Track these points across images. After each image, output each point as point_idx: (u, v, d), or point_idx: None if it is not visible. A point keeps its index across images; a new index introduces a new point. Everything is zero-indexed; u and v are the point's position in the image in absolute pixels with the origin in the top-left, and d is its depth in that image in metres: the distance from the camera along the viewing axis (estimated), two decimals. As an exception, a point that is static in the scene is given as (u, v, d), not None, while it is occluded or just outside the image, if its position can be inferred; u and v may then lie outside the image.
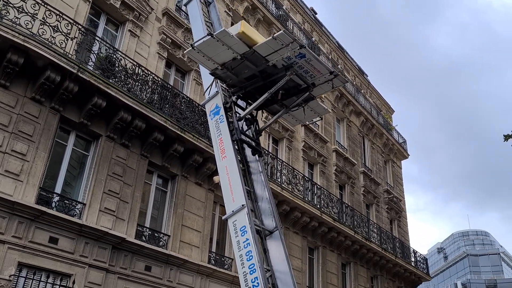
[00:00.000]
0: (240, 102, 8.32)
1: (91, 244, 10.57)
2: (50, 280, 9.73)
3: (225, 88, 8.23)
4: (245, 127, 8.02)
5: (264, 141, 17.48)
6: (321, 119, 10.75)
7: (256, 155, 7.81)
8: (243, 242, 6.33)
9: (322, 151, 21.31)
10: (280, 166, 17.03)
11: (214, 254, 14.14)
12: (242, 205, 6.60)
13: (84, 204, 10.87)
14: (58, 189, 10.72)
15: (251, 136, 8.06)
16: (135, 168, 12.21)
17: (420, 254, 28.02)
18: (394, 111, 33.82)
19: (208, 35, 6.72)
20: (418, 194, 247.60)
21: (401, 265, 24.30)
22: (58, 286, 9.81)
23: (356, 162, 24.36)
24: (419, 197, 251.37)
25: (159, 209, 13.18)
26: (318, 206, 18.41)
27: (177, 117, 12.98)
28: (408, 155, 31.07)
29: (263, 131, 10.15)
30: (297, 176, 17.88)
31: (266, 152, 16.31)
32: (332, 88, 7.39)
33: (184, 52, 7.82)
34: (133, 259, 11.43)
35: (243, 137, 7.69)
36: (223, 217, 7.03)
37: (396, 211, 27.62)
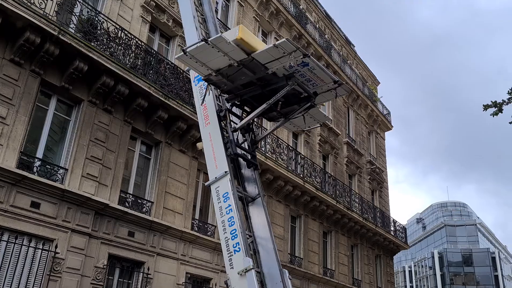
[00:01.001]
0: (234, 108, 7.70)
1: (74, 209, 10.55)
2: (32, 244, 9.73)
3: (219, 95, 7.61)
4: (240, 138, 7.43)
5: (249, 110, 17.39)
6: (321, 125, 10.50)
7: (252, 168, 7.26)
8: (226, 208, 6.37)
9: (306, 121, 21.36)
10: (264, 135, 17.03)
11: (197, 221, 14.27)
12: (225, 172, 6.62)
13: (66, 170, 10.78)
14: (39, 154, 10.59)
15: (247, 148, 7.47)
16: (118, 134, 12.10)
17: (400, 224, 28.72)
18: (379, 83, 33.90)
19: (202, 40, 6.11)
20: (398, 166, 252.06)
21: (380, 234, 24.91)
22: (40, 250, 9.82)
23: (340, 133, 24.51)
24: (399, 169, 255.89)
25: (143, 176, 13.16)
26: (302, 176, 18.59)
27: (161, 83, 12.80)
28: (392, 126, 31.37)
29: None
30: (281, 146, 17.95)
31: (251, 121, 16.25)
32: (335, 97, 6.94)
33: (175, 56, 6.93)
34: (116, 224, 11.47)
35: (238, 150, 7.16)
36: (206, 183, 7.05)
37: (378, 181, 28.07)
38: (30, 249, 9.68)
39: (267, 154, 16.53)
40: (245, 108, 7.56)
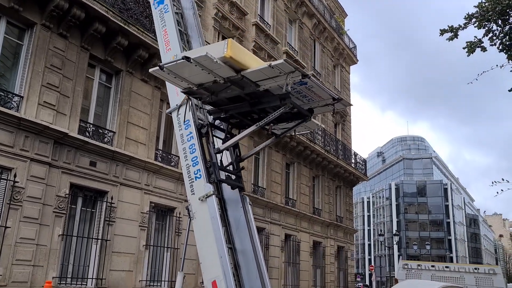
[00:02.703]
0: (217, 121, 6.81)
1: (32, 138, 10.26)
2: (-11, 173, 9.52)
3: (200, 107, 6.69)
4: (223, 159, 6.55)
5: (214, 39, 16.92)
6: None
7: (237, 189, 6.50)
8: (187, 136, 6.34)
9: (272, 53, 21.03)
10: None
11: (161, 151, 14.23)
12: (186, 99, 6.51)
13: (22, 97, 10.35)
14: (-9, 80, 10.07)
15: (232, 168, 6.68)
16: (75, 61, 11.58)
17: (360, 157, 29.68)
18: (347, 15, 33.42)
19: (183, 58, 5.15)
20: (357, 101, 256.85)
21: (341, 166, 25.74)
22: (-2, 179, 9.63)
23: (305, 65, 24.37)
24: (357, 105, 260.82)
25: (103, 105, 12.82)
26: (266, 108, 18.60)
27: (120, 7, 12.15)
28: (357, 60, 31.43)
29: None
30: (246, 77, 17.73)
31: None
32: (333, 113, 6.28)
33: (150, 70, 5.93)
34: (77, 154, 11.30)
35: (223, 175, 6.30)
36: (167, 111, 6.95)
37: (341, 115, 28.51)
38: (-13, 178, 9.48)
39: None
40: (230, 121, 6.57)
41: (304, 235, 21.90)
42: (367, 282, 70.89)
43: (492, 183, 9.82)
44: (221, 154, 6.28)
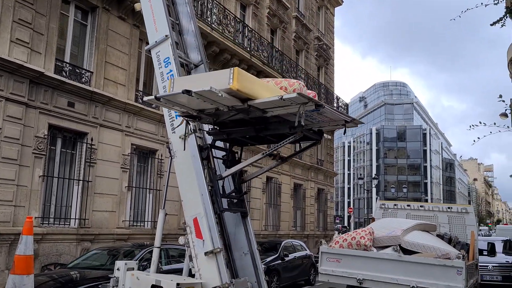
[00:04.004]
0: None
1: (6, 77, 9.92)
2: (-37, 113, 9.25)
3: (199, 128, 6.06)
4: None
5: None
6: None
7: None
8: (167, 74, 6.16)
9: (255, -8, 20.37)
10: (210, 4, 16.19)
11: (141, 93, 13.98)
12: (166, 36, 6.27)
13: (-8, 34, 9.89)
14: (-42, 15, 9.54)
15: (234, 187, 6.16)
16: (48, -4, 11.02)
17: (343, 100, 29.73)
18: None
19: (183, 92, 4.59)
20: (338, 47, 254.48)
21: (323, 110, 25.75)
22: (-27, 119, 9.39)
23: (289, 6, 23.75)
24: (338, 50, 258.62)
25: (80, 44, 12.37)
26: (248, 49, 18.26)
27: None
28: (342, 1, 30.69)
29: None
30: (228, 17, 17.24)
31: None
32: (344, 133, 5.80)
33: (144, 99, 5.42)
34: (54, 94, 11.01)
35: (225, 203, 5.78)
36: (146, 47, 6.72)
37: (325, 58, 28.22)
38: (-39, 117, 9.22)
39: (213, 25, 15.89)
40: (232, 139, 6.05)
41: (285, 178, 22.27)
42: (346, 224, 73.49)
43: (470, 126, 9.98)
44: (223, 180, 5.86)
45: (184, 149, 5.65)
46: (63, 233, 11.05)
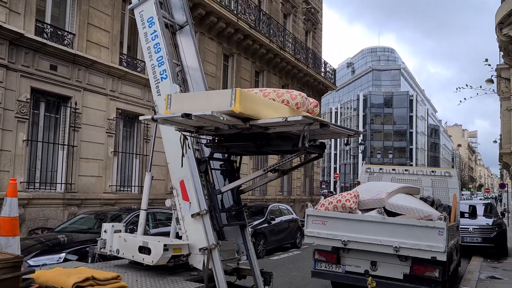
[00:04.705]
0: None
1: (-16, 38, 9.62)
2: None
3: (197, 142, 5.83)
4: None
5: None
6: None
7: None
8: (151, 34, 6.00)
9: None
10: (196, -36, 15.70)
11: (125, 56, 13.70)
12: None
13: (-32, -7, 9.51)
14: None
15: (233, 200, 6.08)
16: (25, -46, 10.56)
17: (330, 65, 29.55)
18: None
19: (182, 116, 4.38)
20: (324, 11, 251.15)
21: (311, 75, 25.66)
22: (-49, 82, 9.13)
23: (277, -32, 23.19)
24: (326, 14, 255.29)
25: (61, 5, 11.98)
26: (235, 12, 17.90)
27: None
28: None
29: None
30: (215, -22, 16.78)
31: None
32: (346, 144, 5.49)
33: (140, 118, 5.07)
34: (36, 57, 10.73)
35: (223, 216, 5.67)
36: (129, 6, 6.50)
37: (313, 22, 27.83)
38: None
39: (199, -13, 15.48)
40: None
41: (272, 143, 22.27)
42: (332, 189, 74.59)
43: (456, 89, 10.03)
44: (221, 195, 5.69)
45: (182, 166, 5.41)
46: (50, 197, 11.01)
